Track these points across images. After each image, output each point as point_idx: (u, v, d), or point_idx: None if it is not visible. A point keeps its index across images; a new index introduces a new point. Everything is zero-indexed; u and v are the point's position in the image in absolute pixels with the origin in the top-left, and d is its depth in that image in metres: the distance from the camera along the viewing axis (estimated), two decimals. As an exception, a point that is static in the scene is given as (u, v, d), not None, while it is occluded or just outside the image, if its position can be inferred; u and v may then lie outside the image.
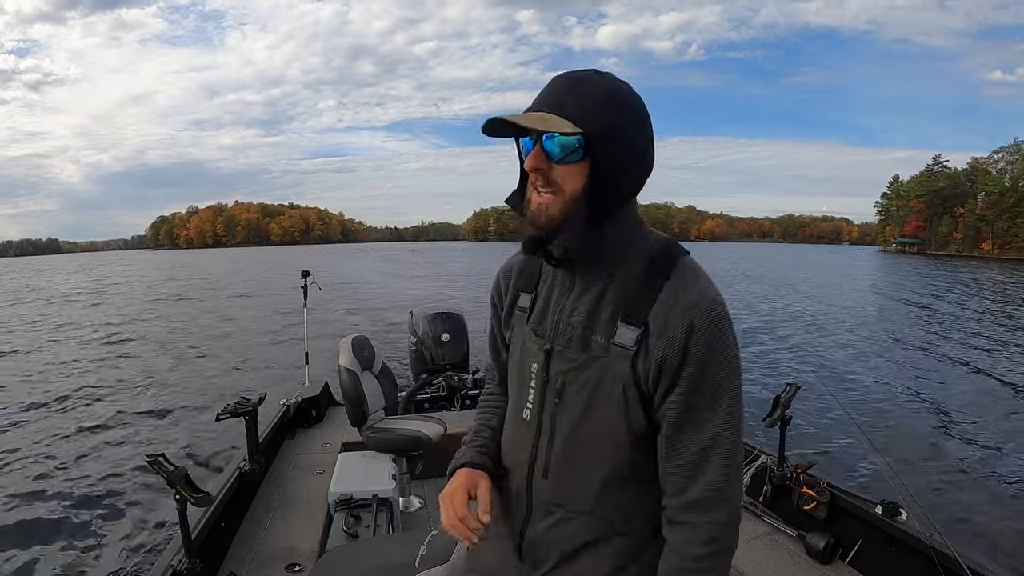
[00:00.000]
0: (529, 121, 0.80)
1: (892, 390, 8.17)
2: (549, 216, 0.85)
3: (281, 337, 12.23)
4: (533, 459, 0.96)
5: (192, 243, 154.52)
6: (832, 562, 2.34)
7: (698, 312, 0.82)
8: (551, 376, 0.93)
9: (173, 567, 1.91)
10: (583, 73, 0.84)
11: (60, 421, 6.93)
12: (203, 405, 7.14)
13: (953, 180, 72.09)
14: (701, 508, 0.84)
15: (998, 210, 62.56)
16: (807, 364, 9.60)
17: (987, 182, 66.44)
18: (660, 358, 0.83)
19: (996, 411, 7.12)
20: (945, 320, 15.06)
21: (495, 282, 1.09)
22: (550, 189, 0.84)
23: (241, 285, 28.20)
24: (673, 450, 0.85)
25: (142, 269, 50.07)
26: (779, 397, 2.62)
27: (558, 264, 0.92)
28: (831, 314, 16.13)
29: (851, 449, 5.47)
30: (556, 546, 0.95)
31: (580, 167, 0.83)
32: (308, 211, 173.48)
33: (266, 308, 18.13)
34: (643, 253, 0.89)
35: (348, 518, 2.47)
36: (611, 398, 0.87)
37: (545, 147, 0.83)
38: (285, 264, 42.05)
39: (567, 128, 0.80)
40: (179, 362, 10.40)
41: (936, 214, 71.74)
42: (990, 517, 4.36)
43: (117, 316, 17.52)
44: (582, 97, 0.82)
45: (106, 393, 8.23)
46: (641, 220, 0.92)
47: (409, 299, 16.10)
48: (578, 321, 0.91)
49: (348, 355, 3.13)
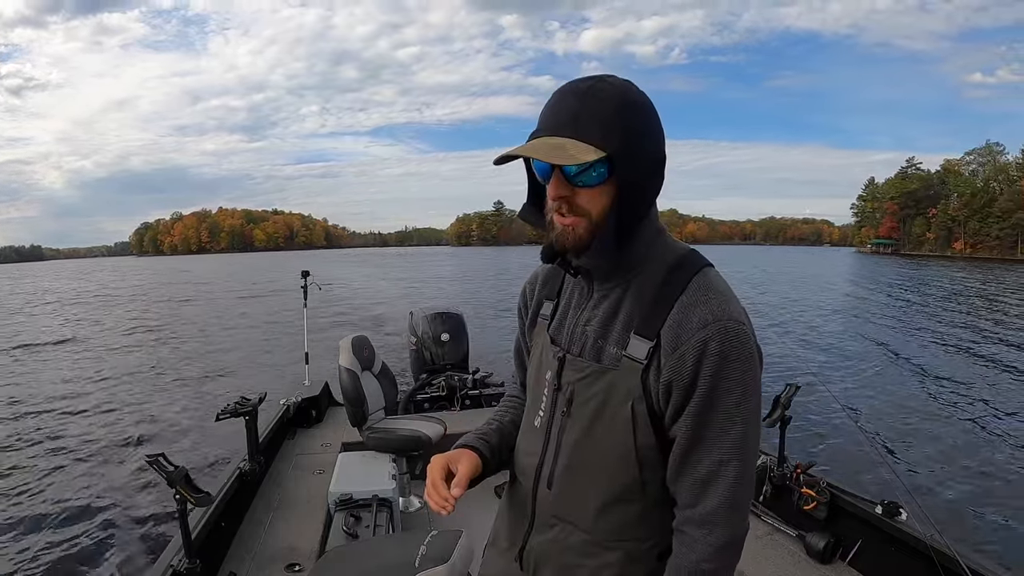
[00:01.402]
0: (547, 154, 0.76)
1: (892, 390, 8.17)
2: (577, 238, 0.82)
3: (281, 337, 12.24)
4: (540, 468, 0.95)
5: (176, 249, 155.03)
6: (832, 562, 2.34)
7: (711, 331, 0.78)
8: (563, 385, 0.91)
9: (173, 567, 1.90)
10: (591, 84, 0.79)
11: (60, 421, 6.94)
12: (203, 405, 7.14)
13: (926, 182, 74.70)
14: (702, 526, 0.82)
15: (970, 211, 64.93)
16: (807, 364, 9.59)
17: (959, 183, 69.06)
18: (670, 377, 0.80)
19: (996, 411, 7.12)
20: (943, 320, 15.06)
21: (522, 291, 1.08)
22: (575, 214, 0.81)
23: (240, 288, 28.20)
24: (682, 469, 0.84)
25: (142, 275, 50.14)
26: (779, 397, 2.62)
27: (576, 273, 0.91)
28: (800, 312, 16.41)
29: (851, 449, 5.46)
30: (555, 559, 0.94)
31: (605, 188, 0.80)
32: (292, 217, 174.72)
33: (265, 308, 18.14)
34: (662, 263, 0.86)
35: (348, 518, 2.47)
36: (619, 411, 0.85)
37: (565, 173, 0.79)
38: (275, 267, 42.80)
39: (589, 156, 0.76)
40: (179, 362, 10.40)
41: (910, 215, 74.22)
42: (990, 517, 4.36)
43: (119, 318, 17.51)
44: (598, 114, 0.77)
45: (106, 393, 8.23)
46: (662, 228, 0.89)
47: (393, 296, 16.10)
48: (593, 330, 0.89)
49: (348, 355, 3.13)
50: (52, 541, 4.06)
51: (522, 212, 0.91)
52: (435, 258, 71.72)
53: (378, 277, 34.24)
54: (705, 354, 0.78)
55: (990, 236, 63.08)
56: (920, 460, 5.47)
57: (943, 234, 68.78)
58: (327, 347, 4.26)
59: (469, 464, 0.96)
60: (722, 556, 0.82)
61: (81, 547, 3.99)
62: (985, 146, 70.89)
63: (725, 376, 0.78)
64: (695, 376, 0.79)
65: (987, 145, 70.88)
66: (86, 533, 4.17)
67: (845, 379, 8.64)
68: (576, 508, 0.91)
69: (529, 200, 0.90)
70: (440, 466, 0.95)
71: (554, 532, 0.93)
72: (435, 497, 0.91)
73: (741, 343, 0.79)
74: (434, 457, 0.97)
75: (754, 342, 0.82)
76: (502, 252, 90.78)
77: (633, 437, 0.84)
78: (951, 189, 69.72)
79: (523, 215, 0.91)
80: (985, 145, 71.03)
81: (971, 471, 5.27)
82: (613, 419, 0.85)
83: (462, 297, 20.18)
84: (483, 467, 1.00)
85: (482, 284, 27.71)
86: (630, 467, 0.86)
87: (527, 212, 0.91)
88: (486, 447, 1.02)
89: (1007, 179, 65.89)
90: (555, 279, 1.01)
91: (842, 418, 5.81)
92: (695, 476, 0.82)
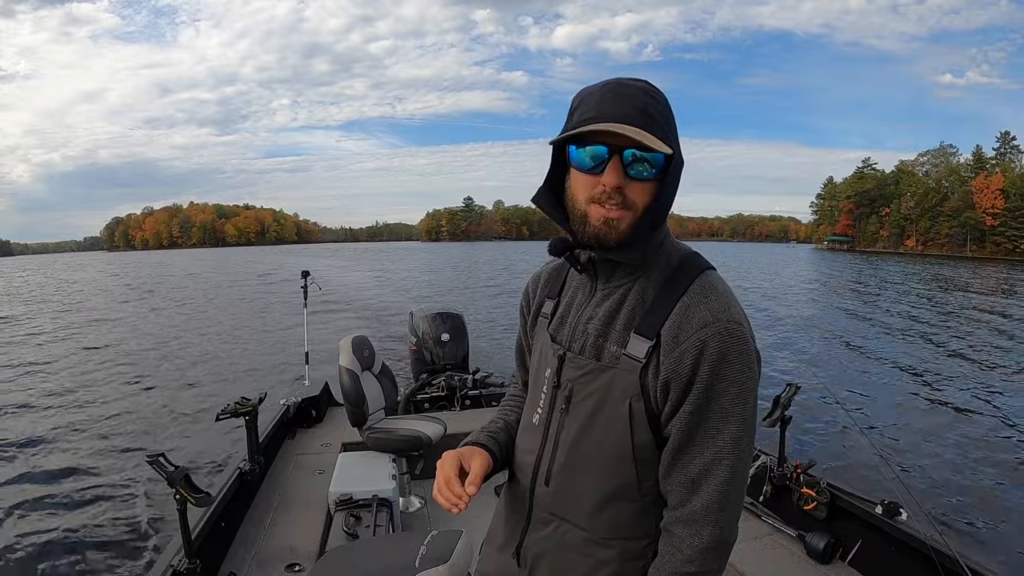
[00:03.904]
0: (641, 137, 0.76)
1: (892, 390, 8.17)
2: (619, 232, 0.82)
3: (281, 337, 12.24)
4: (537, 465, 0.95)
5: (148, 244, 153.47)
6: (832, 562, 2.34)
7: (710, 332, 0.78)
8: (562, 382, 0.91)
9: (173, 567, 1.90)
10: (643, 84, 0.81)
11: (60, 421, 6.93)
12: (203, 405, 7.14)
13: (880, 182, 77.74)
14: (689, 525, 0.81)
15: (922, 209, 68.13)
16: (807, 364, 9.61)
17: (911, 183, 72.45)
18: (667, 376, 0.81)
19: (996, 410, 7.12)
20: (937, 320, 15.08)
21: (524, 291, 1.08)
22: (623, 205, 0.81)
23: (233, 284, 28.25)
24: (673, 467, 0.84)
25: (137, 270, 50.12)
26: (779, 397, 2.62)
27: (583, 269, 0.91)
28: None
29: (851, 449, 5.47)
30: (551, 556, 0.94)
31: (653, 184, 0.81)
32: (263, 212, 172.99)
33: (266, 308, 18.14)
34: (667, 263, 0.87)
35: (348, 518, 2.47)
36: (617, 410, 0.85)
37: (627, 162, 0.79)
38: (256, 262, 43.79)
39: (665, 149, 0.77)
40: (179, 362, 10.40)
41: (864, 214, 77.40)
42: (990, 517, 4.36)
43: (116, 316, 17.52)
44: (659, 112, 0.80)
45: (106, 393, 8.22)
46: (668, 229, 0.90)
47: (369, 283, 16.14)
48: (594, 328, 0.89)
49: (348, 355, 3.13)
50: (52, 541, 4.06)
51: (537, 197, 0.90)
52: (413, 252, 72.52)
53: (352, 269, 35.23)
54: (703, 354, 0.78)
55: (940, 234, 66.53)
56: (920, 460, 5.47)
57: (896, 232, 72.42)
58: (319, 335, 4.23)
59: (482, 462, 0.95)
60: (707, 558, 0.81)
61: (81, 547, 3.99)
62: (939, 147, 75.52)
63: (722, 376, 0.78)
64: (692, 375, 0.79)
65: (941, 146, 75.77)
66: (86, 533, 4.17)
67: (845, 379, 8.63)
68: (573, 505, 0.91)
69: (546, 187, 0.89)
70: (452, 463, 0.93)
71: (551, 529, 0.93)
72: (447, 494, 0.89)
73: (740, 344, 0.79)
74: (446, 453, 0.95)
75: (753, 345, 0.82)
76: (474, 247, 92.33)
77: (630, 435, 0.84)
78: (903, 189, 72.79)
79: (537, 200, 0.90)
80: (939, 146, 75.88)
81: (971, 471, 5.26)
82: (611, 417, 0.86)
83: (453, 285, 20.31)
84: (493, 465, 0.99)
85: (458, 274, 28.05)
86: (627, 465, 0.86)
87: (543, 198, 0.89)
88: (496, 446, 1.02)
89: (958, 179, 69.00)
90: (557, 278, 1.02)
91: (842, 418, 5.81)
92: (686, 474, 0.82)
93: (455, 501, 0.88)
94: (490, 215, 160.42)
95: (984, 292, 23.33)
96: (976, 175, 65.50)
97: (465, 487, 0.89)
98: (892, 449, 5.62)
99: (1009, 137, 69.31)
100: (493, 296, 20.40)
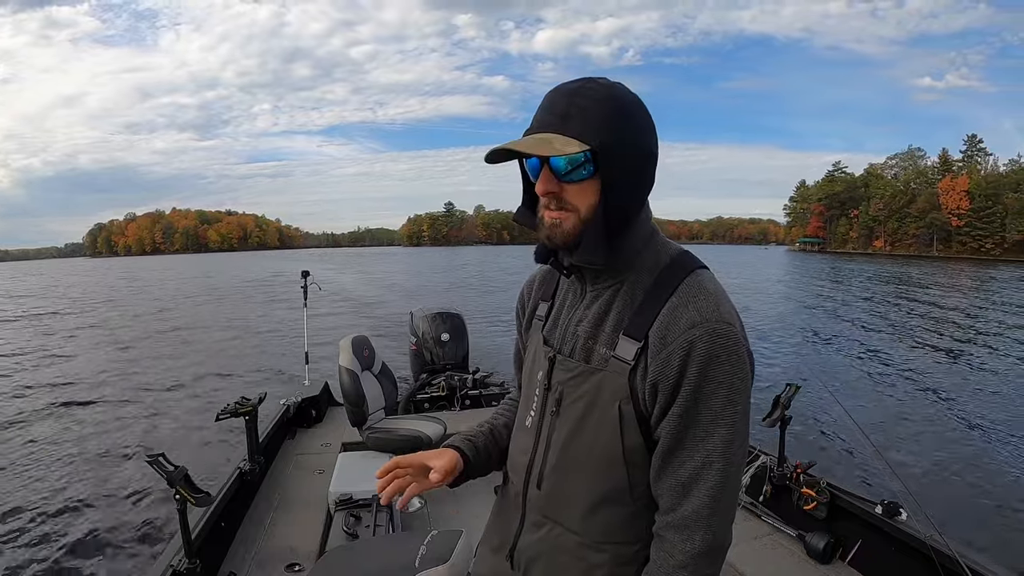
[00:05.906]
0: (532, 147, 0.77)
1: (892, 390, 8.17)
2: (564, 232, 0.83)
3: (281, 337, 12.24)
4: (530, 467, 0.95)
5: (131, 250, 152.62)
6: (832, 562, 2.34)
7: (698, 332, 0.77)
8: (552, 385, 0.91)
9: (173, 567, 1.91)
10: (579, 84, 0.81)
11: (60, 421, 6.93)
12: (203, 405, 7.14)
13: (850, 184, 79.79)
14: (680, 531, 0.80)
15: (889, 211, 70.32)
16: (807, 364, 9.60)
17: (880, 186, 74.52)
18: (655, 378, 0.79)
19: (996, 410, 7.12)
20: (937, 320, 15.08)
21: (519, 293, 1.09)
22: (564, 209, 0.82)
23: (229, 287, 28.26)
24: (663, 472, 0.82)
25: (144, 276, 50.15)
26: (779, 397, 2.62)
27: (569, 273, 0.91)
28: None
29: (851, 449, 5.47)
30: (544, 559, 0.93)
31: (591, 183, 0.80)
32: (245, 218, 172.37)
33: (264, 308, 18.15)
34: (655, 263, 0.86)
35: (348, 518, 2.47)
36: (606, 413, 0.84)
37: (553, 168, 0.80)
38: (243, 268, 43.99)
39: (573, 148, 0.77)
40: (179, 362, 10.40)
41: (835, 216, 79.64)
42: (990, 517, 4.36)
43: (116, 317, 17.53)
44: (583, 110, 0.78)
45: (106, 393, 8.22)
46: (655, 228, 0.89)
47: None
48: (584, 331, 0.88)
49: (348, 355, 3.13)
50: (52, 541, 4.05)
51: (517, 214, 0.92)
52: (394, 257, 72.90)
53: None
54: (691, 355, 0.77)
55: (907, 235, 68.88)
56: (920, 460, 5.47)
57: (864, 233, 74.90)
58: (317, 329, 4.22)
59: (450, 460, 0.98)
60: (700, 564, 0.80)
61: (81, 547, 3.99)
62: (907, 151, 77.38)
63: (711, 378, 0.77)
64: (680, 377, 0.77)
65: (909, 150, 77.61)
66: (86, 533, 4.17)
67: (845, 379, 8.63)
68: (565, 508, 0.90)
69: (524, 203, 0.91)
70: (412, 458, 0.96)
71: (544, 532, 0.93)
72: (385, 479, 0.94)
73: (729, 344, 0.77)
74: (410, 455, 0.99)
75: (745, 345, 0.80)
76: (455, 252, 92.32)
77: (620, 439, 0.84)
78: (872, 191, 74.82)
79: (517, 217, 0.92)
80: (908, 150, 77.76)
81: (971, 471, 5.26)
82: (601, 420, 0.85)
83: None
84: (465, 467, 1.00)
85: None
86: (618, 469, 0.85)
87: (521, 214, 0.91)
88: (470, 448, 1.03)
89: (926, 181, 71.11)
90: (551, 281, 1.02)
91: (842, 418, 5.80)
92: (676, 479, 0.81)
93: (389, 486, 0.93)
94: (471, 220, 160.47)
95: (965, 292, 23.24)
96: (943, 177, 67.49)
97: (431, 475, 0.94)
98: (892, 449, 5.61)
99: (976, 140, 70.75)
100: (491, 295, 20.42)
